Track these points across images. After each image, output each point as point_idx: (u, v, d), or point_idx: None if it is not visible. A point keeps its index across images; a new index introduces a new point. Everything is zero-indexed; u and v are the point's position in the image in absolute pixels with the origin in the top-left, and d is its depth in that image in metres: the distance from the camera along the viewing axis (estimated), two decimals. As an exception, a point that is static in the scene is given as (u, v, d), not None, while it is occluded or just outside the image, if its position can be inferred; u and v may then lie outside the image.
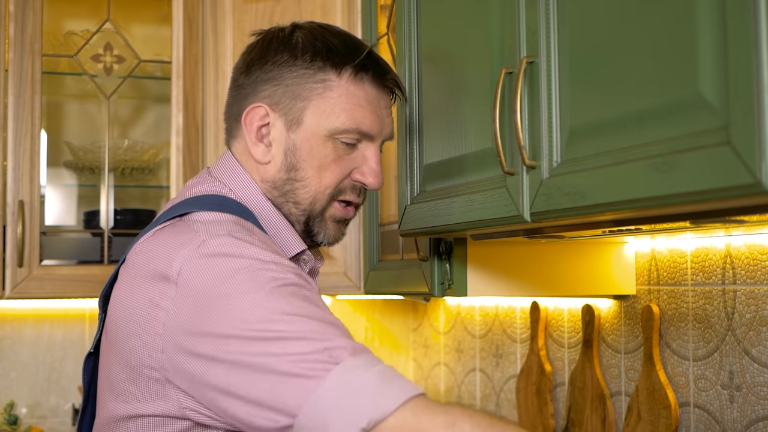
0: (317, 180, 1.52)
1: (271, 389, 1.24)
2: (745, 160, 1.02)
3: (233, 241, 1.34)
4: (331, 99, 1.50)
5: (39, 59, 2.81)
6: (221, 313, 1.28)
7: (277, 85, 1.51)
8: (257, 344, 1.25)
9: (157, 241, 1.40)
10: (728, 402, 1.87)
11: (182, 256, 1.33)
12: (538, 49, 1.44)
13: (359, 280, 2.71)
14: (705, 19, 1.10)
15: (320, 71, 1.50)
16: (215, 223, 1.40)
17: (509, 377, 2.70)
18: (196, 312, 1.29)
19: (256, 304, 1.27)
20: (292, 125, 1.51)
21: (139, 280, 1.37)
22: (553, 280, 2.11)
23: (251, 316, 1.27)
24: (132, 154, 3.02)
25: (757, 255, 1.81)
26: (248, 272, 1.30)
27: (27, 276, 2.77)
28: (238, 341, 1.26)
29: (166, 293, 1.32)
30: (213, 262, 1.32)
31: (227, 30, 2.86)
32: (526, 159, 1.45)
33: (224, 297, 1.29)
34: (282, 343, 1.25)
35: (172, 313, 1.31)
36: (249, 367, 1.26)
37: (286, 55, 1.51)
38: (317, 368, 1.23)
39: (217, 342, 1.27)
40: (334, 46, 1.51)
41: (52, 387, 3.12)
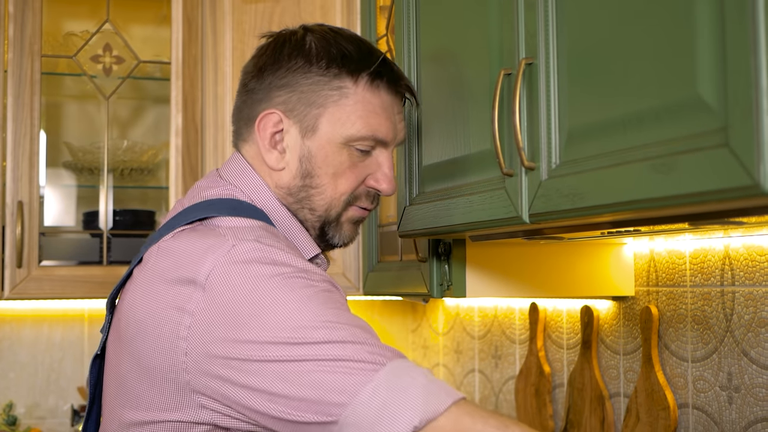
0: (333, 187, 1.52)
1: (317, 387, 1.23)
2: (743, 162, 1.02)
3: (262, 247, 1.33)
4: (347, 106, 1.50)
5: (38, 60, 2.81)
6: (257, 320, 1.26)
7: (291, 92, 1.49)
8: (299, 348, 1.24)
9: (180, 244, 1.37)
10: (727, 403, 1.87)
11: (211, 261, 1.31)
12: (537, 50, 1.44)
13: (358, 281, 2.71)
14: (703, 20, 1.10)
15: (336, 78, 1.49)
16: (242, 228, 1.38)
17: (508, 378, 2.70)
18: (229, 318, 1.28)
19: (292, 312, 1.27)
20: (307, 132, 1.50)
21: (160, 282, 1.35)
22: (552, 282, 2.11)
23: (288, 323, 1.26)
24: (131, 154, 3.02)
25: (756, 256, 1.81)
26: (281, 279, 1.30)
27: (26, 277, 2.77)
28: (277, 347, 1.25)
29: (192, 297, 1.30)
30: (244, 268, 1.30)
31: (226, 31, 2.86)
32: (525, 160, 1.45)
33: (258, 304, 1.27)
34: (324, 347, 1.24)
35: (199, 318, 1.29)
36: (292, 369, 1.24)
37: (300, 60, 1.49)
38: (365, 368, 1.23)
39: (255, 348, 1.25)
40: (348, 53, 1.50)
41: (51, 388, 3.12)
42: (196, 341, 1.29)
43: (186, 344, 1.30)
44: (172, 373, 1.32)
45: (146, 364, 1.34)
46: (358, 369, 1.23)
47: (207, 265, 1.31)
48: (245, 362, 1.26)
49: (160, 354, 1.32)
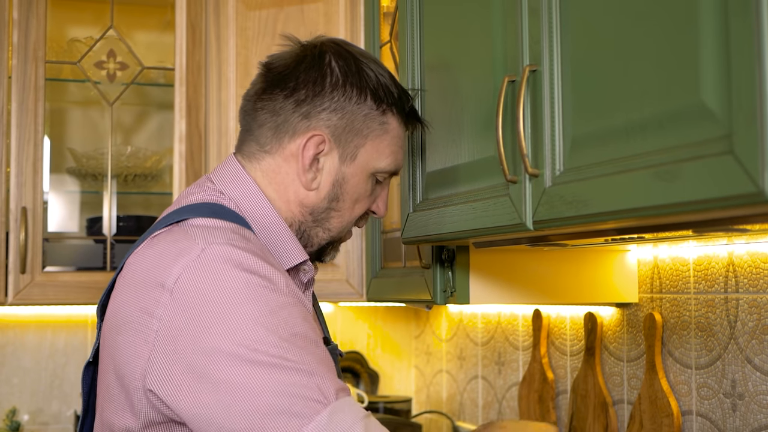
0: (350, 211, 1.57)
1: (257, 420, 1.25)
2: (747, 169, 1.02)
3: (233, 251, 1.33)
4: (385, 140, 1.57)
5: (42, 66, 2.81)
6: (217, 329, 1.28)
7: (341, 118, 1.52)
8: (250, 367, 1.26)
9: (154, 249, 1.39)
10: (731, 410, 1.87)
11: (180, 265, 1.32)
12: (541, 57, 1.44)
13: (361, 288, 2.71)
14: (707, 27, 1.10)
15: (383, 115, 1.55)
16: (213, 229, 1.39)
17: (511, 385, 2.70)
18: (191, 323, 1.29)
19: (253, 324, 1.28)
20: (347, 159, 1.54)
21: (135, 288, 1.36)
22: (556, 288, 2.11)
23: (248, 336, 1.27)
24: (135, 160, 3.03)
25: (760, 263, 1.80)
26: (248, 289, 1.31)
27: (29, 282, 2.77)
28: (231, 361, 1.26)
29: (160, 301, 1.31)
30: (212, 273, 1.31)
31: (230, 37, 2.86)
32: (529, 167, 1.45)
33: (221, 312, 1.28)
34: (276, 372, 1.26)
35: (166, 322, 1.30)
36: (238, 390, 1.26)
37: (355, 90, 1.53)
38: (308, 407, 1.25)
39: (210, 358, 1.27)
40: (393, 91, 1.57)
41: (54, 393, 3.12)
42: (159, 345, 1.30)
43: (149, 349, 1.31)
44: (135, 378, 1.33)
45: (122, 371, 1.35)
46: (302, 407, 1.25)
47: (176, 269, 1.32)
48: (199, 375, 1.27)
49: (131, 359, 1.33)
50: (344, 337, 3.33)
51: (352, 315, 3.36)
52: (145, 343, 1.31)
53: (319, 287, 2.70)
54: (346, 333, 3.34)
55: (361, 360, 3.32)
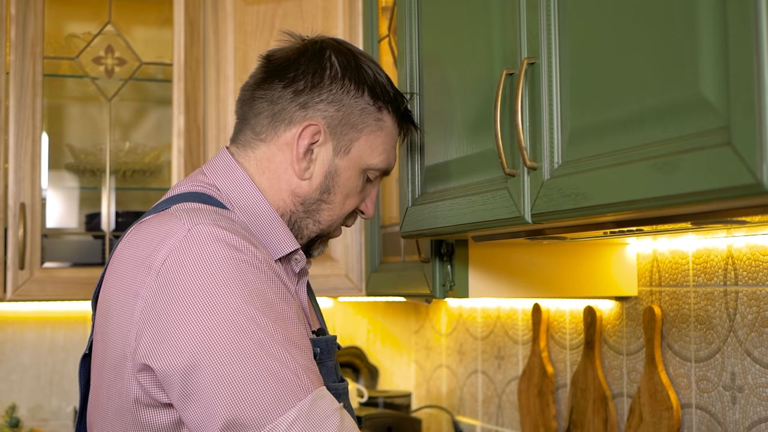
0: (341, 206, 1.58)
1: (237, 406, 1.27)
2: (746, 161, 1.02)
3: (218, 230, 1.35)
4: (379, 138, 1.58)
5: (40, 62, 2.81)
6: (203, 305, 1.29)
7: (338, 110, 1.54)
8: (235, 350, 1.28)
9: (141, 234, 1.41)
10: (730, 403, 1.87)
11: (168, 246, 1.34)
12: (539, 50, 1.44)
13: (361, 282, 2.71)
14: (706, 19, 1.10)
15: (379, 111, 1.57)
16: (198, 210, 1.41)
17: (511, 379, 2.70)
18: (176, 301, 1.31)
19: (236, 309, 1.30)
20: (341, 152, 1.55)
21: (123, 273, 1.39)
22: (555, 282, 2.11)
23: (230, 320, 1.29)
24: (133, 156, 3.02)
25: (759, 256, 1.80)
26: (232, 267, 1.32)
27: (28, 278, 2.77)
28: (216, 342, 1.28)
29: (145, 282, 1.33)
30: (197, 251, 1.33)
31: (228, 32, 2.86)
32: (527, 160, 1.45)
33: (207, 289, 1.30)
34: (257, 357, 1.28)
35: (150, 302, 1.32)
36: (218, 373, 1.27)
37: (354, 84, 1.55)
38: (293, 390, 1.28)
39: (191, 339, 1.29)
40: (389, 91, 1.59)
41: (53, 389, 3.12)
42: (143, 325, 1.32)
43: (136, 329, 1.33)
44: (123, 359, 1.35)
45: (111, 354, 1.38)
46: (283, 393, 1.27)
47: (163, 251, 1.34)
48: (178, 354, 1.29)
49: (119, 341, 1.36)
50: (344, 332, 3.33)
51: (352, 310, 3.36)
52: (131, 323, 1.34)
53: (319, 282, 2.70)
54: (345, 328, 3.34)
55: (361, 355, 3.32)
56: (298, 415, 1.26)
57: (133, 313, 1.34)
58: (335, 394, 1.51)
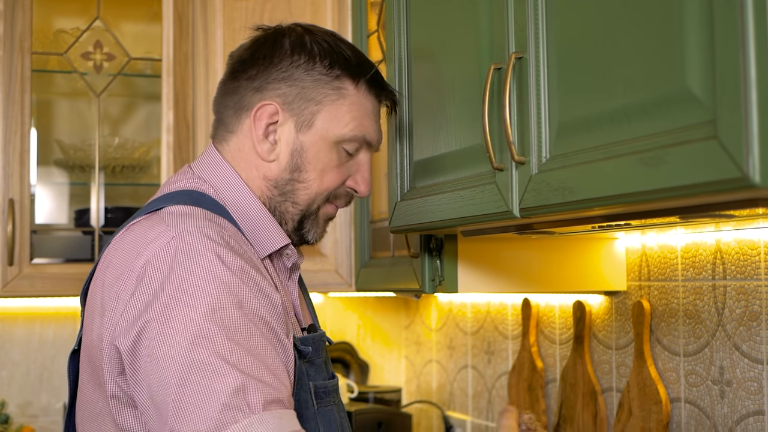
0: (318, 183, 1.55)
1: (180, 414, 1.24)
2: (732, 155, 1.02)
3: (202, 240, 1.34)
4: (343, 107, 1.54)
5: (29, 57, 2.80)
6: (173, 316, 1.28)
7: (291, 86, 1.52)
8: (189, 356, 1.26)
9: (130, 236, 1.41)
10: (719, 397, 1.87)
11: (150, 251, 1.34)
12: (526, 44, 1.44)
13: (350, 277, 2.71)
14: (692, 13, 1.10)
15: (337, 79, 1.53)
16: (186, 216, 1.39)
17: (501, 374, 2.70)
18: (151, 307, 1.30)
19: (205, 318, 1.27)
20: (303, 127, 1.53)
21: (110, 273, 1.38)
22: (544, 277, 2.11)
23: (198, 329, 1.27)
24: (122, 152, 3.02)
25: (747, 250, 1.81)
26: (210, 280, 1.30)
27: (17, 274, 2.76)
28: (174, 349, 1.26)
29: (128, 284, 1.33)
30: (178, 260, 1.32)
31: (217, 27, 2.85)
32: (515, 155, 1.45)
33: (180, 300, 1.29)
34: (212, 368, 1.24)
35: (130, 306, 1.32)
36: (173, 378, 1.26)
37: (304, 57, 1.52)
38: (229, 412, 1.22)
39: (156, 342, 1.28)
40: (349, 57, 1.55)
41: (43, 386, 3.11)
42: (119, 327, 1.32)
43: (113, 332, 1.33)
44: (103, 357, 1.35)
45: (96, 351, 1.38)
46: (223, 410, 1.22)
47: (146, 255, 1.34)
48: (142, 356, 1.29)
49: (100, 341, 1.36)
50: (334, 328, 3.33)
51: (342, 305, 3.36)
52: (112, 325, 1.34)
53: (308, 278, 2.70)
54: (335, 323, 3.34)
55: (351, 350, 3.32)
56: None
57: (113, 315, 1.34)
58: (324, 391, 1.50)
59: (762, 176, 0.99)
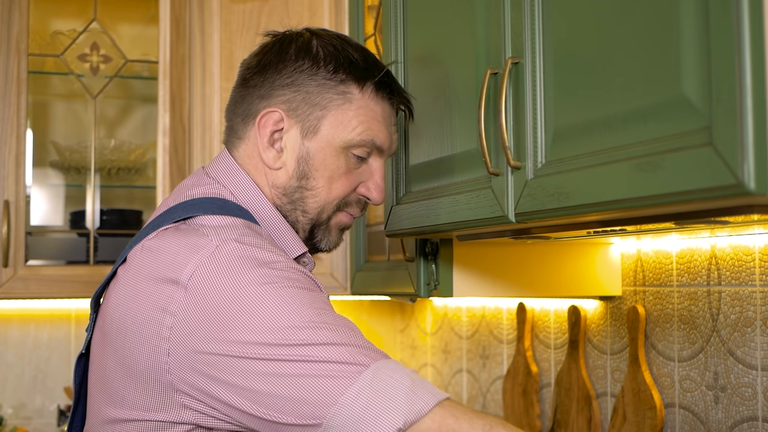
0: (327, 190, 1.53)
1: (301, 389, 1.23)
2: (727, 161, 1.02)
3: (245, 248, 1.33)
4: (350, 111, 1.51)
5: (25, 59, 2.80)
6: (240, 321, 1.26)
7: (296, 92, 1.50)
8: (283, 350, 1.25)
9: (163, 244, 1.37)
10: (713, 403, 1.88)
11: (194, 261, 1.31)
12: (523, 49, 1.44)
13: (346, 281, 2.70)
14: (688, 20, 1.10)
15: (342, 83, 1.51)
16: (225, 228, 1.38)
17: (496, 378, 2.70)
18: (211, 319, 1.28)
19: (276, 313, 1.27)
20: (308, 133, 1.51)
21: (143, 282, 1.35)
22: (540, 281, 2.11)
23: (273, 324, 1.26)
24: (118, 154, 3.01)
25: (742, 256, 1.81)
26: (264, 279, 1.30)
27: (12, 276, 2.76)
28: (261, 347, 1.25)
29: (174, 297, 1.30)
30: (227, 269, 1.30)
31: (214, 30, 2.85)
32: (511, 160, 1.45)
33: (241, 305, 1.27)
34: (309, 349, 1.24)
35: (181, 318, 1.29)
36: (276, 369, 1.24)
37: (307, 62, 1.50)
38: (349, 371, 1.23)
39: (239, 347, 1.26)
40: (356, 60, 1.52)
41: (37, 388, 3.11)
42: (178, 341, 1.29)
43: (168, 345, 1.30)
44: (154, 373, 1.32)
45: (129, 363, 1.34)
46: (342, 371, 1.23)
47: (190, 265, 1.31)
48: (229, 361, 1.26)
49: (143, 354, 1.32)
50: (329, 331, 3.33)
51: (337, 309, 3.35)
52: (160, 339, 1.30)
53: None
54: (330, 327, 3.34)
55: (346, 354, 3.32)
56: (361, 387, 1.22)
57: (161, 329, 1.30)
58: None
59: (757, 183, 1.00)
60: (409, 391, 1.23)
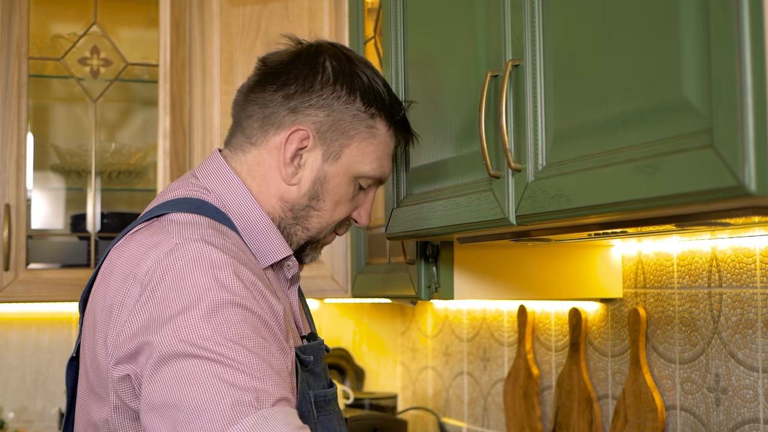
0: (330, 213, 1.56)
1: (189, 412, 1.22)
2: (728, 163, 1.02)
3: (205, 248, 1.33)
4: (371, 145, 1.56)
5: (25, 62, 2.80)
6: (173, 323, 1.26)
7: (329, 116, 1.52)
8: (193, 361, 1.24)
9: (132, 243, 1.40)
10: (714, 405, 1.88)
11: (153, 258, 1.33)
12: (523, 52, 1.44)
13: (346, 284, 2.70)
14: (688, 22, 1.10)
15: (372, 118, 1.55)
16: (189, 224, 1.39)
17: (497, 381, 2.70)
18: (154, 316, 1.29)
19: (202, 322, 1.26)
20: (330, 158, 1.53)
21: (113, 280, 1.38)
22: (540, 284, 2.11)
23: (199, 332, 1.25)
24: (119, 157, 3.02)
25: (743, 258, 1.81)
26: (210, 288, 1.29)
27: (13, 280, 2.76)
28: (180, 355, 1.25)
29: (131, 292, 1.32)
30: (179, 268, 1.31)
31: (214, 33, 2.86)
32: (512, 162, 1.45)
33: (180, 307, 1.27)
34: (217, 367, 1.23)
35: (134, 313, 1.31)
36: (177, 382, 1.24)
37: (345, 90, 1.52)
38: (238, 408, 1.21)
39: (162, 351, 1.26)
40: (384, 96, 1.56)
41: (38, 391, 3.11)
42: (125, 335, 1.31)
43: (120, 339, 1.32)
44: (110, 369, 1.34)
45: (98, 362, 1.37)
46: (232, 406, 1.20)
47: (148, 262, 1.33)
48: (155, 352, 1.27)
49: (105, 350, 1.35)
50: (330, 334, 3.33)
51: (338, 311, 3.36)
52: (117, 334, 1.32)
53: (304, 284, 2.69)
54: (331, 329, 3.34)
55: (347, 356, 3.32)
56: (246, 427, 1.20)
57: (117, 323, 1.33)
58: (324, 399, 1.50)
59: (758, 184, 1.00)
60: None
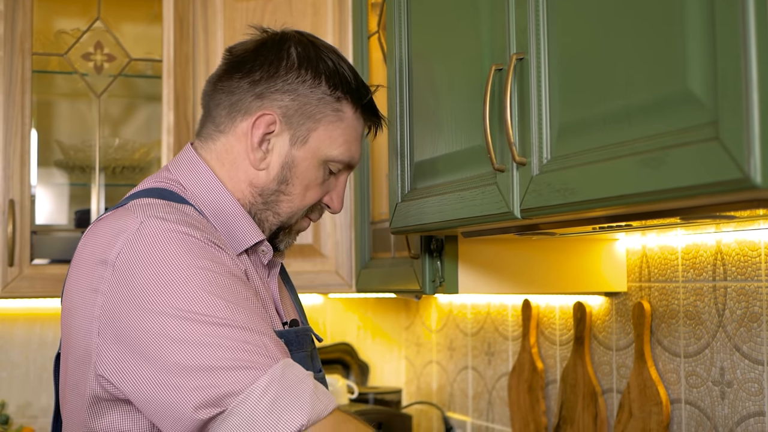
0: (301, 198, 1.57)
1: (212, 373, 1.27)
2: (733, 156, 1.02)
3: (169, 224, 1.36)
4: (339, 129, 1.56)
5: (29, 58, 2.80)
6: (163, 295, 1.30)
7: (294, 100, 1.53)
8: (199, 326, 1.28)
9: (98, 229, 1.42)
10: (719, 398, 1.88)
11: (122, 240, 1.35)
12: (528, 45, 1.44)
13: (351, 278, 2.71)
14: (694, 15, 1.10)
15: (338, 101, 1.55)
16: (150, 205, 1.42)
17: (501, 375, 2.70)
18: (135, 292, 1.31)
19: (195, 289, 1.31)
20: (297, 142, 1.54)
21: (82, 267, 1.39)
22: (545, 278, 2.11)
23: (192, 299, 1.30)
24: (123, 152, 3.02)
25: (748, 251, 1.81)
26: (186, 258, 1.33)
27: (17, 275, 2.76)
28: (179, 323, 1.29)
29: (104, 276, 1.34)
30: (152, 243, 1.34)
31: (218, 29, 2.85)
32: (516, 156, 1.45)
33: (165, 280, 1.31)
34: (225, 329, 1.29)
35: (109, 296, 1.33)
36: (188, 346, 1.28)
37: (310, 74, 1.53)
38: (259, 360, 1.28)
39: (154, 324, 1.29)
40: (350, 80, 1.57)
41: (43, 387, 3.11)
42: (105, 318, 1.33)
43: (98, 324, 1.34)
44: (88, 355, 1.35)
45: (76, 351, 1.38)
46: (253, 361, 1.28)
47: (118, 244, 1.35)
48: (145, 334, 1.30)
49: (82, 338, 1.36)
50: (334, 329, 3.33)
51: (342, 306, 3.36)
52: (92, 319, 1.34)
53: (308, 279, 2.70)
54: (335, 324, 3.34)
55: (351, 351, 3.32)
56: (271, 380, 1.27)
57: (93, 309, 1.34)
58: None
59: (763, 177, 0.99)
60: (312, 392, 1.29)
